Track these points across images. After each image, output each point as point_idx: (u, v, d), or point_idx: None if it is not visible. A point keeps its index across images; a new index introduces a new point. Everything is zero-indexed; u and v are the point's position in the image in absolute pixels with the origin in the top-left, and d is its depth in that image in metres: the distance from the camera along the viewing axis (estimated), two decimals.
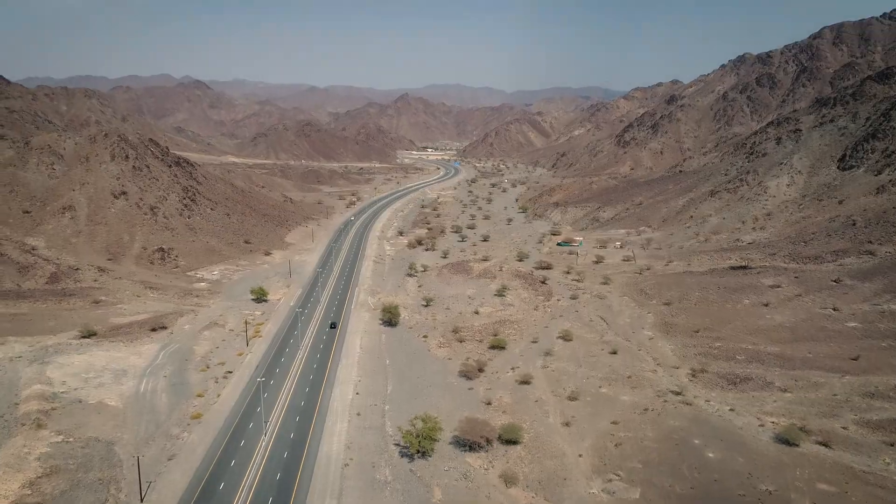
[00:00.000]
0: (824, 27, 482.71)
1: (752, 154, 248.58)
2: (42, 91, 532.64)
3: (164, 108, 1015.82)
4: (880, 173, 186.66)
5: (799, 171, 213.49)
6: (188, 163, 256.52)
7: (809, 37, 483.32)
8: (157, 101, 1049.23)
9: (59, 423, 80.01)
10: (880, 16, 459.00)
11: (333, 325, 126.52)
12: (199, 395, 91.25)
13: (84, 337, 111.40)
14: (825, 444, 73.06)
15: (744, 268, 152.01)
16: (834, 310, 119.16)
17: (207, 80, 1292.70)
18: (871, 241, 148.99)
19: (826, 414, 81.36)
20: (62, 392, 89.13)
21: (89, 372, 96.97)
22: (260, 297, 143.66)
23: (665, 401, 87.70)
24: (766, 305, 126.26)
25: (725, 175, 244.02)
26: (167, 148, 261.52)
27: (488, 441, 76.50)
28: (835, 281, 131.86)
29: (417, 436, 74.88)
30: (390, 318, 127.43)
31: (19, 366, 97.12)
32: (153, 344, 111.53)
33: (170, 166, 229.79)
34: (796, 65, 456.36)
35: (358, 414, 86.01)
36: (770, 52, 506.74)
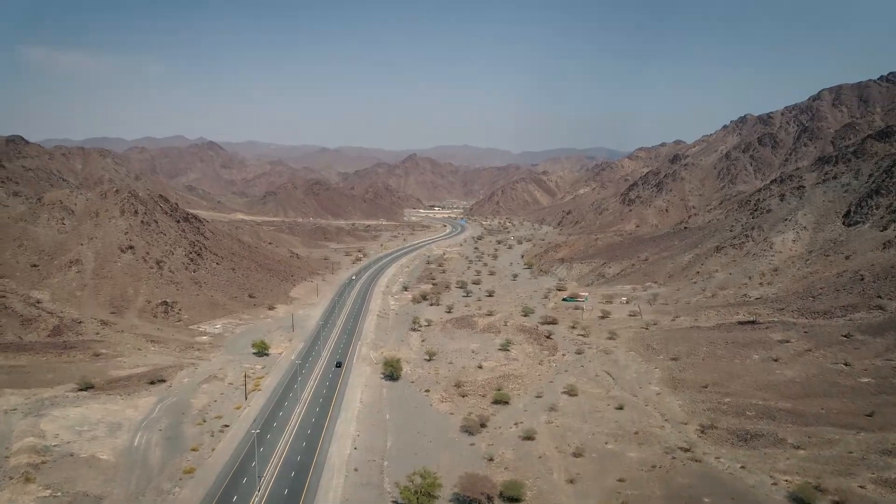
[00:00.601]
0: (823, 89, 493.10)
1: (756, 210, 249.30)
2: (59, 151, 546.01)
3: (178, 168, 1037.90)
4: (886, 228, 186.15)
5: (804, 227, 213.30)
6: (196, 218, 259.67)
7: (809, 98, 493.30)
8: (171, 161, 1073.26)
9: (49, 476, 77.78)
10: (878, 78, 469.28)
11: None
12: (194, 449, 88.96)
13: (81, 390, 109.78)
14: None
15: (752, 323, 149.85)
16: (846, 365, 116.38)
17: (221, 142, 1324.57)
18: (880, 297, 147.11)
19: (842, 472, 78.02)
20: (54, 445, 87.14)
21: (84, 425, 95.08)
22: (261, 350, 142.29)
23: (673, 457, 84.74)
24: (776, 360, 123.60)
25: (731, 231, 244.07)
26: (176, 204, 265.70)
27: (489, 498, 73.58)
28: (845, 336, 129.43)
29: (416, 492, 72.22)
30: (392, 372, 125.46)
31: (13, 418, 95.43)
32: (151, 397, 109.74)
33: (178, 221, 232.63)
34: (797, 125, 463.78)
35: (355, 469, 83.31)
36: (771, 113, 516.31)
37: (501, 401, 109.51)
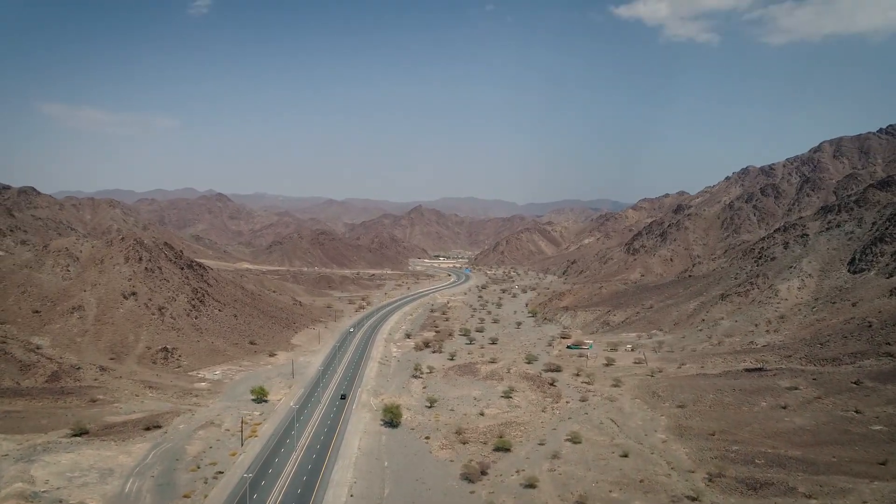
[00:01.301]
0: (823, 141, 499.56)
1: (760, 258, 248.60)
2: (69, 201, 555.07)
3: (186, 219, 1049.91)
4: (892, 276, 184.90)
5: (809, 275, 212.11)
6: (200, 265, 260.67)
7: (810, 150, 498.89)
8: (180, 212, 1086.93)
9: None
10: (877, 131, 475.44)
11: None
12: (186, 496, 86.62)
13: (75, 435, 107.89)
14: None
15: (759, 370, 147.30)
16: (856, 412, 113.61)
17: (230, 194, 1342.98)
18: (888, 343, 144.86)
19: None
20: (43, 491, 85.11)
21: (75, 471, 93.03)
22: (260, 397, 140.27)
23: None
24: (785, 408, 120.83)
25: (735, 279, 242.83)
26: (181, 251, 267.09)
27: None
28: (855, 383, 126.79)
29: None
30: (392, 418, 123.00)
31: (3, 464, 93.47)
32: (145, 443, 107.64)
33: (182, 268, 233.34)
34: (799, 175, 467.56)
35: None
36: (773, 164, 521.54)
37: (503, 448, 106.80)
